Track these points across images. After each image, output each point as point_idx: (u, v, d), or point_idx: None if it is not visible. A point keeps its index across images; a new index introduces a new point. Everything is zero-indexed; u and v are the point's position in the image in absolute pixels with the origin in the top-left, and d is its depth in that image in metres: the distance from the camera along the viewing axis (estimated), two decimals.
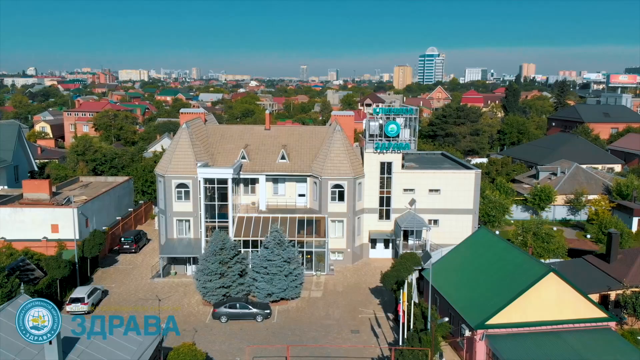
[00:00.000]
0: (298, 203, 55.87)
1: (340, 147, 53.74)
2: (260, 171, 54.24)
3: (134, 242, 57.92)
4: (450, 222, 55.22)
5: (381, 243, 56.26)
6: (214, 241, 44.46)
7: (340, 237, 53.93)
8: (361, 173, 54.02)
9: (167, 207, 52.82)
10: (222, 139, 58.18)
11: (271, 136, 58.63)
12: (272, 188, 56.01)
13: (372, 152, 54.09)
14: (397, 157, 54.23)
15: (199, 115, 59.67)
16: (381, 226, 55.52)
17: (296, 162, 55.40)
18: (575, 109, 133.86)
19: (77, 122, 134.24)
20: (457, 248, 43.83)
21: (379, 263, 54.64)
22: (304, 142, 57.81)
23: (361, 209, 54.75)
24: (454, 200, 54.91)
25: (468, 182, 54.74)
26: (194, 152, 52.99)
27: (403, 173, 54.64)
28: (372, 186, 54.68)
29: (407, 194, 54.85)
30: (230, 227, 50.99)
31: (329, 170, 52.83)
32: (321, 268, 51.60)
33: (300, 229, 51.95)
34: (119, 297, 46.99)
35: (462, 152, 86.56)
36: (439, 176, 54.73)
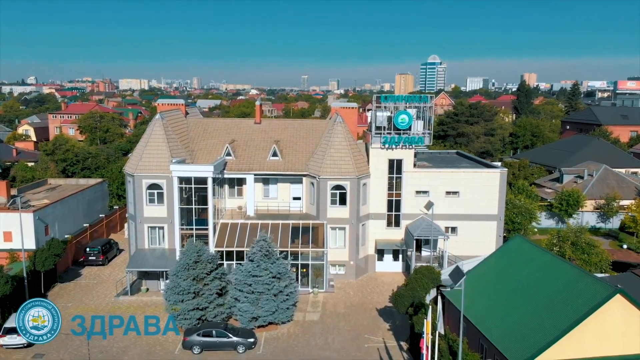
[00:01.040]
0: (292, 207, 47.80)
1: (342, 142, 45.74)
2: (247, 170, 46.22)
3: (102, 253, 49.77)
4: (470, 230, 47.11)
5: (389, 254, 48.06)
6: (186, 252, 36.34)
7: (341, 248, 45.77)
8: (366, 172, 45.98)
9: (137, 211, 44.75)
10: (204, 134, 50.25)
11: (262, 131, 50.70)
12: (262, 190, 47.96)
13: (379, 147, 46.09)
14: (408, 154, 46.20)
15: (178, 106, 51.77)
16: (389, 235, 47.37)
17: (290, 159, 47.40)
18: (592, 110, 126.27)
19: (63, 124, 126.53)
20: (486, 262, 35.63)
21: (387, 278, 46.41)
22: (300, 138, 49.87)
23: (366, 215, 46.64)
24: (475, 204, 46.81)
25: (492, 183, 46.65)
26: (169, 147, 45.00)
27: (415, 172, 46.58)
28: (379, 188, 46.62)
29: (420, 197, 46.74)
30: (211, 235, 42.83)
31: (329, 168, 44.80)
32: (319, 284, 43.38)
33: (294, 238, 43.84)
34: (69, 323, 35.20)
35: (475, 153, 78.55)
36: (457, 176, 46.64)
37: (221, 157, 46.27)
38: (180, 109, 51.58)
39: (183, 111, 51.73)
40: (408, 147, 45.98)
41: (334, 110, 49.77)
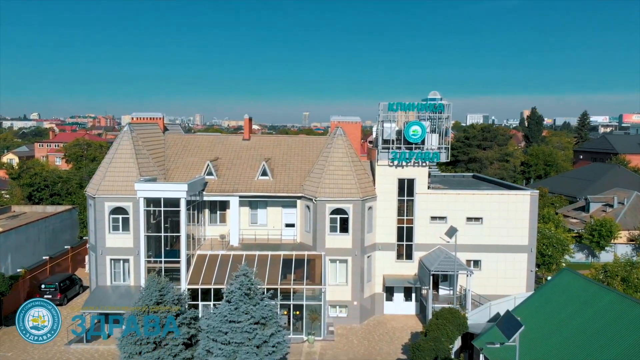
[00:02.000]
0: (284, 236, 40.40)
1: (343, 158, 38.73)
2: (231, 191, 39.04)
3: (59, 291, 42.01)
4: (496, 264, 39.57)
5: (400, 293, 40.34)
6: (146, 291, 28.78)
7: (342, 284, 38.14)
8: (372, 193, 38.80)
9: (98, 241, 37.37)
10: (183, 151, 43.33)
11: (251, 147, 43.80)
12: (249, 215, 40.67)
13: (387, 164, 39.03)
14: (421, 172, 39.10)
15: (156, 120, 45.05)
16: (400, 269, 39.80)
17: (282, 179, 40.29)
18: (606, 138, 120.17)
19: (49, 153, 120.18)
20: (528, 304, 28.00)
21: (398, 322, 38.56)
22: (294, 155, 42.93)
23: (372, 245, 39.19)
24: (501, 233, 39.41)
25: (521, 207, 39.35)
26: (138, 164, 37.98)
27: (430, 194, 39.37)
28: (387, 212, 39.34)
29: (436, 223, 39.39)
30: (183, 269, 35.30)
31: (328, 188, 37.64)
32: (316, 330, 35.56)
33: (285, 273, 36.30)
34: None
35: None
36: (481, 199, 39.37)
37: (201, 175, 39.20)
38: (157, 123, 44.86)
39: (161, 126, 44.98)
40: (421, 165, 38.92)
41: (334, 125, 42.91)
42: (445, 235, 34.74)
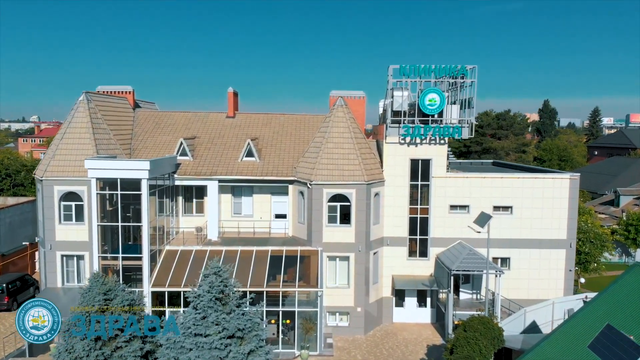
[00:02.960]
0: (274, 229, 33.75)
1: (345, 133, 32.10)
2: (209, 174, 32.39)
3: (7, 294, 35.36)
4: (529, 263, 32.95)
5: (412, 297, 33.63)
6: (86, 295, 22.14)
7: (343, 287, 31.46)
8: (379, 177, 32.15)
9: (47, 233, 30.77)
10: (155, 129, 36.76)
11: (235, 126, 37.22)
12: (231, 204, 34.04)
13: (398, 142, 32.40)
14: (438, 151, 32.45)
15: (125, 94, 38.44)
16: (413, 268, 33.13)
17: (271, 160, 33.67)
18: (623, 133, 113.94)
19: (33, 149, 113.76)
20: (587, 312, 21.21)
21: (410, 332, 31.86)
22: (287, 135, 36.35)
23: (379, 239, 32.53)
24: (535, 224, 32.77)
25: (559, 193, 32.72)
26: (96, 140, 31.37)
27: (450, 178, 32.71)
28: (397, 200, 32.70)
29: (456, 213, 32.75)
30: (146, 268, 28.59)
31: (325, 170, 31.00)
32: (310, 343, 28.86)
33: (274, 272, 29.64)
34: None
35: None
36: (511, 184, 32.71)
37: (173, 155, 32.58)
38: (127, 98, 38.27)
39: (131, 101, 38.39)
40: (439, 142, 32.26)
41: (333, 101, 36.18)
42: (474, 225, 28.03)
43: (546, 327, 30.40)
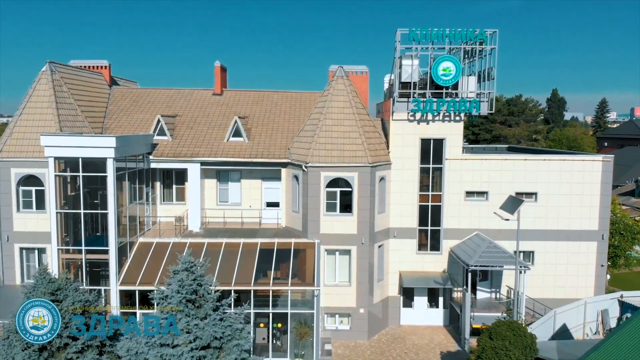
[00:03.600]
0: (265, 219, 29.74)
1: (346, 108, 28.02)
2: (190, 156, 28.33)
3: None
4: (555, 256, 28.99)
5: (422, 296, 29.62)
6: (29, 295, 18.23)
7: (344, 285, 27.45)
8: (385, 159, 28.10)
9: (3, 222, 26.77)
10: (132, 107, 32.72)
11: (222, 104, 33.16)
12: (217, 190, 30.03)
13: (407, 119, 28.33)
14: (453, 129, 28.39)
15: (100, 70, 34.37)
16: (423, 263, 29.13)
17: (262, 141, 29.62)
18: (634, 123, 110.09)
19: None
20: None
21: (420, 337, 27.88)
22: (280, 114, 32.30)
23: (385, 230, 28.50)
24: (562, 213, 28.77)
25: (590, 178, 28.71)
26: (60, 116, 27.32)
27: (466, 160, 28.67)
28: (405, 186, 28.66)
29: (472, 200, 28.75)
30: (113, 263, 24.54)
31: (324, 150, 26.94)
32: (306, 350, 24.88)
33: (264, 268, 25.67)
34: None
35: None
36: (535, 167, 28.67)
37: (146, 134, 28.51)
38: (102, 73, 34.21)
39: (107, 77, 34.32)
40: (454, 118, 28.20)
41: (332, 76, 31.96)
42: (501, 211, 23.92)
43: (577, 331, 26.51)
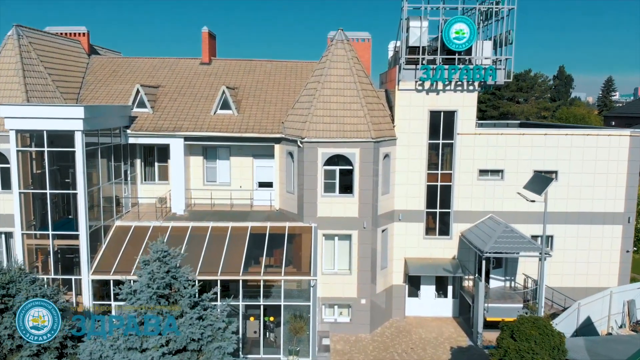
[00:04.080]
0: (257, 200, 27.05)
1: (346, 76, 25.09)
2: (173, 129, 25.50)
3: None
4: (576, 241, 26.38)
5: (430, 285, 27.06)
6: None
7: (344, 273, 24.85)
8: (389, 134, 25.27)
9: None
10: (111, 77, 29.77)
11: (210, 74, 30.20)
12: (204, 169, 27.27)
13: (414, 89, 25.44)
14: (466, 100, 25.52)
15: (78, 37, 31.35)
16: (431, 249, 26.50)
17: (253, 114, 26.76)
18: None
19: None
20: None
21: (427, 329, 25.38)
22: (273, 85, 29.37)
23: (389, 213, 25.81)
24: (584, 193, 26.09)
25: (615, 155, 25.95)
26: (27, 85, 24.44)
27: (480, 135, 25.86)
28: (411, 164, 25.89)
29: (487, 180, 26.03)
30: (84, 250, 21.88)
31: (321, 124, 24.09)
32: (301, 345, 22.38)
33: (255, 255, 23.06)
34: None
35: None
36: (556, 142, 25.88)
37: (122, 105, 25.63)
38: (79, 40, 31.19)
39: (85, 46, 31.31)
40: (467, 88, 25.29)
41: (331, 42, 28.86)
42: (525, 192, 21.14)
43: (602, 325, 23.97)
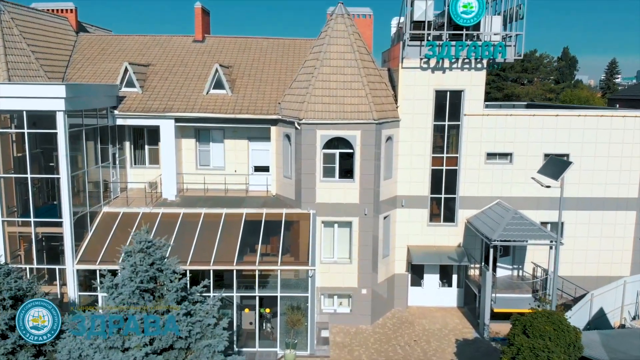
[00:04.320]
0: (253, 185, 25.81)
1: (347, 53, 23.63)
2: (163, 110, 24.11)
3: None
4: (587, 228, 25.20)
5: (434, 274, 25.90)
6: None
7: (344, 262, 23.68)
8: (392, 115, 23.89)
9: None
10: (100, 56, 28.31)
11: (204, 52, 28.71)
12: (196, 153, 25.96)
13: (419, 66, 23.98)
14: (474, 79, 24.08)
15: (65, 13, 29.77)
16: (435, 237, 25.29)
17: (248, 94, 25.35)
18: None
19: None
20: None
21: (431, 320, 24.29)
22: (270, 63, 27.90)
23: (391, 199, 24.55)
24: (597, 178, 24.83)
25: (630, 137, 24.62)
26: (8, 63, 23.00)
27: (488, 116, 24.48)
28: (415, 147, 24.56)
29: (495, 164, 24.73)
30: (68, 238, 20.66)
31: (320, 104, 22.70)
32: (299, 338, 21.28)
33: (250, 244, 21.87)
34: None
35: None
36: (568, 123, 24.51)
37: (109, 84, 24.21)
38: (68, 17, 29.64)
39: (73, 23, 29.76)
40: (474, 66, 23.85)
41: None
42: (540, 176, 19.87)
43: (615, 316, 22.88)
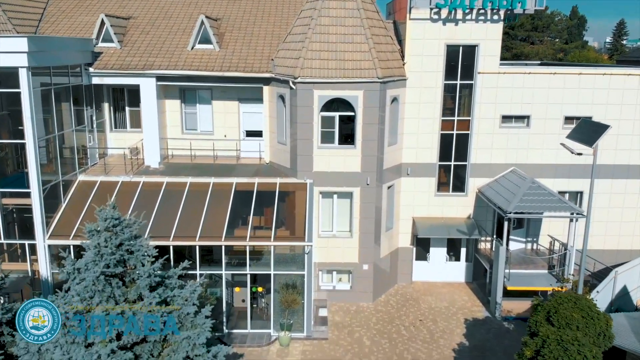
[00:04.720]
0: (245, 152, 23.61)
1: (348, 1, 21.04)
2: (143, 67, 21.66)
3: None
4: (609, 198, 23.20)
5: (440, 247, 24.01)
6: None
7: (344, 236, 21.73)
8: (398, 73, 21.49)
9: None
10: (77, 8, 25.67)
11: (190, 3, 26.03)
12: (182, 115, 23.65)
13: (429, 18, 21.45)
14: (489, 33, 21.60)
15: None
16: (443, 207, 23.29)
17: (237, 49, 22.85)
18: None
19: None
20: None
21: (437, 297, 22.54)
22: (263, 16, 25.27)
23: (396, 167, 22.41)
24: (621, 143, 22.69)
25: None
26: None
27: (505, 75, 22.10)
28: (423, 109, 22.26)
29: (510, 128, 22.52)
30: (37, 210, 18.59)
31: (317, 60, 20.27)
32: (294, 319, 19.52)
33: (241, 215, 19.88)
34: None
35: None
36: (592, 83, 22.17)
37: (81, 38, 21.71)
38: None
39: None
40: (491, 17, 21.33)
41: None
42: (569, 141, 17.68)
43: (637, 293, 21.07)
